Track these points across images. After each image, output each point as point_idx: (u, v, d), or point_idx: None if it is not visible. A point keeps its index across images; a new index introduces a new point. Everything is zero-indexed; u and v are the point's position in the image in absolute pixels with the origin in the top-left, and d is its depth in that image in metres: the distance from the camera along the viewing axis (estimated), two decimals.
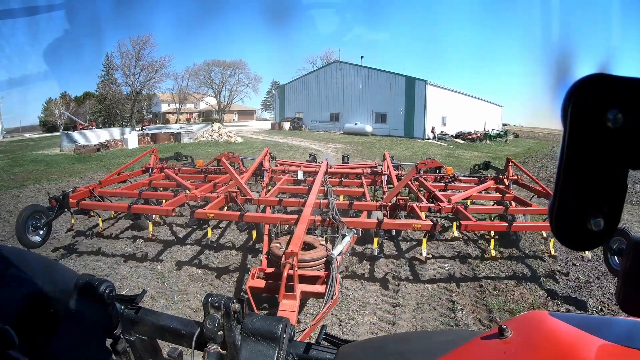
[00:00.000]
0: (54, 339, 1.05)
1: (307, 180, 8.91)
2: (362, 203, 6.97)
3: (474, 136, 42.05)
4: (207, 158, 21.66)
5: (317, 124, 50.88)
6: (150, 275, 6.19)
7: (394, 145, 32.60)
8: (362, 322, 4.96)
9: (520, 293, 5.76)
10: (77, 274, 1.22)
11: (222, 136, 33.23)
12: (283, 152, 24.87)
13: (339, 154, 26.05)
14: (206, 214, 5.84)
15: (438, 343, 0.88)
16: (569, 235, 0.50)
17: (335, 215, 5.54)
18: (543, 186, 7.96)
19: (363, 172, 9.76)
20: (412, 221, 5.91)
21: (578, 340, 0.61)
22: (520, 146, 38.95)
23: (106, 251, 7.10)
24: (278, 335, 0.94)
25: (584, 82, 0.46)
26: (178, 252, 7.11)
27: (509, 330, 0.68)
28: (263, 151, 9.59)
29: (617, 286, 0.63)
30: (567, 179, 0.48)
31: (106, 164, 20.46)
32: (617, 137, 0.46)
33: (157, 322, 1.19)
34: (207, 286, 5.87)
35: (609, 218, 0.48)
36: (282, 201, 6.83)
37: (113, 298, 1.14)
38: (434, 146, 35.14)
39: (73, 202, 6.71)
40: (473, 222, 5.88)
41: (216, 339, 1.02)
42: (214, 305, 1.02)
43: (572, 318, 0.68)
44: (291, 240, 4.48)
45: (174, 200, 6.60)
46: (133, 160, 9.30)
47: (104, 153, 25.71)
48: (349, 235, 4.87)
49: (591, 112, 0.46)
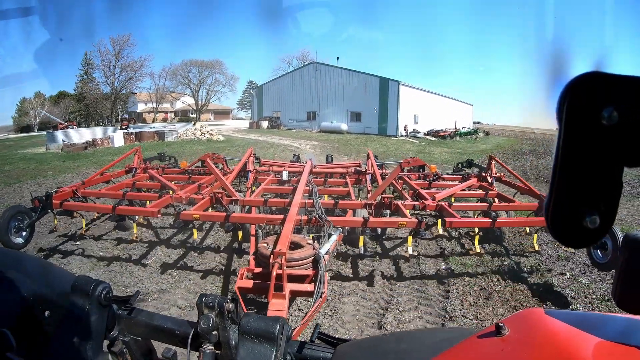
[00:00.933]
0: (52, 341, 1.04)
1: (292, 181, 8.81)
2: (348, 202, 6.90)
3: (445, 133, 43.15)
4: (191, 155, 22.28)
5: (295, 122, 51.19)
6: (134, 276, 6.02)
7: (369, 143, 33.11)
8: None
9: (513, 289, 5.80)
10: (73, 275, 1.20)
11: (205, 134, 33.53)
12: (264, 149, 25.28)
13: (317, 150, 26.66)
14: (192, 215, 5.75)
15: (436, 341, 0.88)
16: (565, 233, 0.50)
17: (321, 215, 5.49)
18: (525, 182, 8.00)
19: (347, 171, 9.70)
20: (397, 219, 5.89)
21: (575, 338, 0.61)
22: (489, 143, 40.36)
23: (90, 252, 6.84)
24: (276, 335, 0.94)
25: (579, 80, 0.45)
26: (163, 253, 6.87)
27: (506, 328, 0.68)
28: (247, 152, 9.52)
29: (613, 284, 0.63)
30: (563, 177, 0.48)
31: (97, 161, 20.56)
32: (612, 134, 0.46)
33: (151, 322, 1.18)
34: (192, 286, 5.69)
35: (604, 215, 0.48)
36: (267, 201, 6.80)
37: (110, 299, 1.13)
38: (406, 143, 36.10)
39: (56, 203, 6.51)
40: (457, 219, 5.89)
41: (211, 338, 1.02)
42: (207, 305, 1.02)
43: (569, 315, 0.68)
44: (279, 240, 4.44)
45: (159, 201, 6.44)
46: (116, 160, 9.15)
47: (92, 151, 25.80)
48: (335, 234, 4.86)
49: (586, 110, 0.45)
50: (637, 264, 0.59)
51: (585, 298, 5.43)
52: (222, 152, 24.36)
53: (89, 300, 1.06)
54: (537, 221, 6.41)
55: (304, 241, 4.69)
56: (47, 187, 14.09)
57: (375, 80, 45.89)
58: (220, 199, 6.34)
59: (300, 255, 4.28)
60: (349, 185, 8.35)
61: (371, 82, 46.13)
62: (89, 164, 19.85)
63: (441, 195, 6.98)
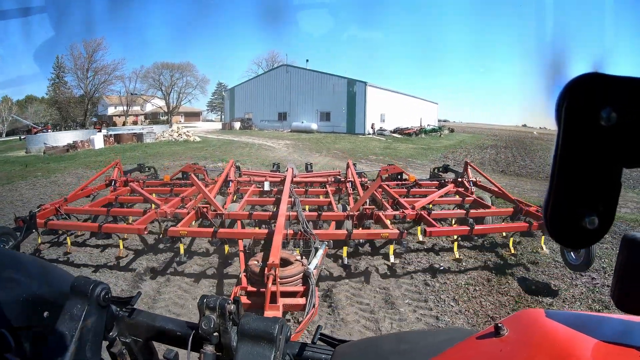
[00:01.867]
0: (50, 341, 1.03)
1: (273, 191, 8.72)
2: (331, 213, 6.83)
3: (410, 131, 44.43)
4: (171, 155, 22.70)
5: (266, 123, 51.54)
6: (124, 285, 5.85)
7: (338, 141, 33.97)
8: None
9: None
10: (72, 276, 1.19)
11: (182, 136, 33.72)
12: (240, 149, 26.04)
13: (290, 149, 27.25)
14: (179, 232, 5.64)
15: (434, 342, 0.88)
16: (564, 234, 0.49)
17: (306, 229, 5.48)
18: (500, 187, 8.08)
19: (327, 180, 9.58)
20: (379, 230, 5.92)
21: (573, 339, 0.61)
22: (453, 139, 41.95)
23: (75, 260, 6.59)
24: (275, 336, 0.93)
25: (578, 81, 0.45)
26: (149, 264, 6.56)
27: (505, 328, 0.68)
28: (229, 163, 9.41)
29: (612, 284, 0.63)
30: (562, 178, 0.47)
31: (82, 162, 20.74)
32: (611, 135, 0.45)
33: (153, 323, 1.18)
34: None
35: (603, 216, 0.48)
36: (252, 215, 6.72)
37: (109, 300, 1.12)
38: (373, 140, 37.15)
39: (41, 222, 6.28)
40: (437, 228, 5.98)
41: (212, 340, 1.01)
42: (209, 306, 1.01)
43: (568, 316, 0.69)
44: (270, 252, 4.47)
45: (144, 217, 6.26)
46: (97, 175, 8.88)
47: (74, 153, 25.70)
48: (321, 248, 4.87)
49: (585, 111, 0.45)
50: (635, 264, 0.59)
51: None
52: (200, 151, 24.99)
53: (87, 301, 1.06)
54: (513, 227, 6.55)
55: (293, 257, 4.68)
56: (40, 185, 14.72)
57: (343, 82, 47.06)
58: (205, 214, 6.31)
59: (291, 273, 4.30)
60: (330, 196, 8.27)
61: (339, 83, 47.29)
62: (75, 164, 19.97)
63: (420, 204, 7.01)
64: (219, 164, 19.23)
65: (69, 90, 57.59)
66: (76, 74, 56.16)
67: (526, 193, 13.56)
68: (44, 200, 11.80)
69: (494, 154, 28.92)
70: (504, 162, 24.78)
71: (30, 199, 12.16)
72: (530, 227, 6.35)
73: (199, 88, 68.46)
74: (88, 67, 55.58)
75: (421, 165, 21.42)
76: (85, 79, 55.84)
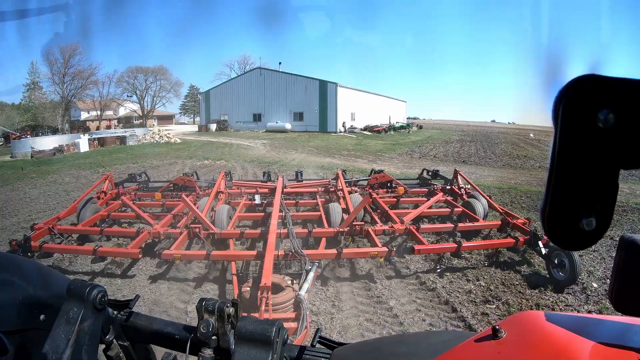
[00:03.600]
0: (47, 345, 1.01)
1: (264, 204, 8.62)
2: (321, 230, 6.62)
3: (380, 128, 45.88)
4: (155, 157, 22.89)
5: (242, 124, 52.17)
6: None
7: (312, 139, 34.76)
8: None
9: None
10: (68, 279, 1.15)
11: (163, 138, 34.52)
12: (220, 149, 26.79)
13: (267, 147, 27.75)
14: (173, 255, 5.60)
15: (432, 344, 0.87)
16: (561, 236, 0.49)
17: (297, 250, 5.40)
18: (488, 197, 8.03)
19: (318, 190, 9.46)
20: (369, 249, 5.86)
21: (571, 341, 0.61)
22: (421, 135, 43.48)
23: (70, 268, 6.41)
24: (272, 339, 0.92)
25: (575, 83, 0.44)
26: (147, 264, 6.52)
27: (502, 331, 0.67)
28: (220, 175, 9.04)
29: (609, 285, 0.63)
30: (559, 179, 0.47)
31: (72, 164, 20.97)
32: (608, 137, 0.45)
33: (150, 326, 1.16)
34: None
35: (601, 218, 0.47)
36: (244, 233, 6.60)
37: (105, 303, 1.10)
38: (345, 138, 38.08)
39: (35, 246, 6.10)
40: (425, 245, 5.91)
41: (210, 343, 0.99)
42: (207, 309, 0.99)
43: (566, 318, 0.68)
44: (262, 273, 4.48)
45: (138, 240, 6.18)
46: (89, 190, 8.45)
47: (61, 157, 25.81)
48: (312, 269, 4.74)
49: (582, 113, 0.44)
50: (632, 265, 0.59)
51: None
52: (183, 152, 25.38)
53: (83, 304, 1.04)
54: (499, 243, 6.39)
55: (284, 283, 4.62)
56: (41, 185, 14.88)
57: (315, 83, 48.15)
58: (198, 234, 6.22)
59: (282, 299, 4.26)
60: (320, 209, 8.00)
61: (311, 84, 48.37)
62: (67, 166, 20.07)
63: (409, 217, 6.84)
64: (205, 162, 20.16)
65: (44, 95, 56.61)
66: (52, 79, 55.28)
67: (483, 178, 14.77)
68: (50, 197, 12.58)
69: (458, 147, 30.30)
70: (466, 154, 26.09)
71: (37, 197, 12.62)
72: (517, 244, 6.24)
73: (173, 91, 68.37)
74: (65, 72, 54.73)
75: (389, 159, 22.80)
76: (62, 83, 54.90)
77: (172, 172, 17.07)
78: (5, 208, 11.30)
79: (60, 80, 55.07)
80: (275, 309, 4.14)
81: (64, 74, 54.95)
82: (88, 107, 62.18)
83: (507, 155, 25.40)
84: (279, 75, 51.74)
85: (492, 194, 10.59)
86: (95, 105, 61.09)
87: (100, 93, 60.23)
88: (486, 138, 40.51)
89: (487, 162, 22.09)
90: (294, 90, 49.89)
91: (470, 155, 25.53)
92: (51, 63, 54.71)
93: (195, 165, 18.53)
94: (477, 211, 7.62)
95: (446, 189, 9.27)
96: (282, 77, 51.35)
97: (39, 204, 11.63)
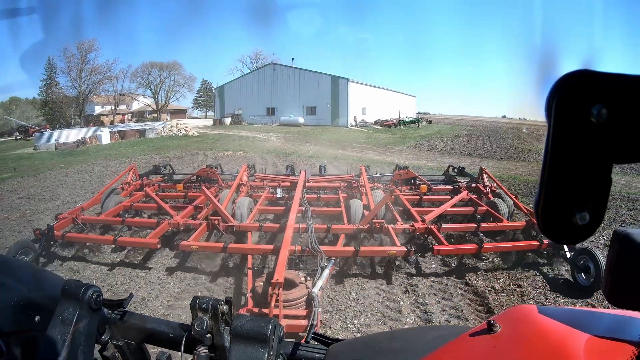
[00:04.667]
0: (42, 346, 1.00)
1: (285, 198, 8.41)
2: (340, 226, 6.41)
3: (390, 123, 46.22)
4: (175, 149, 23.52)
5: (255, 118, 52.59)
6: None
7: (324, 133, 35.20)
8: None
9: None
10: (63, 279, 1.15)
11: (181, 131, 35.26)
12: (236, 141, 27.46)
13: (282, 140, 28.30)
14: (191, 246, 5.59)
15: (427, 340, 0.86)
16: (555, 230, 0.48)
17: (314, 246, 5.22)
18: (513, 197, 7.69)
19: (340, 185, 9.13)
20: (387, 248, 5.67)
21: (566, 335, 0.61)
22: (430, 130, 43.65)
23: (89, 258, 6.48)
24: (267, 336, 0.91)
25: (568, 78, 0.44)
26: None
27: (497, 325, 0.67)
28: (242, 168, 8.87)
29: (603, 279, 0.62)
30: (552, 174, 0.46)
31: (98, 155, 21.71)
32: (601, 132, 0.44)
33: (145, 326, 1.15)
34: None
35: (594, 212, 0.47)
36: (262, 227, 6.44)
37: (101, 303, 1.09)
38: (356, 132, 38.62)
39: (58, 235, 6.16)
40: (445, 246, 5.67)
41: (205, 341, 0.99)
42: (201, 307, 0.99)
43: (560, 312, 0.68)
44: (275, 269, 4.38)
45: (157, 230, 6.18)
46: (113, 181, 8.48)
47: (84, 148, 26.57)
48: (328, 266, 4.63)
49: (575, 108, 0.44)
50: (626, 259, 0.58)
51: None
52: (202, 144, 26.02)
53: (79, 304, 1.03)
54: (522, 245, 6.04)
55: (298, 279, 4.55)
56: (72, 173, 15.83)
57: (327, 78, 48.67)
58: (217, 226, 6.14)
59: (294, 296, 4.21)
60: (341, 204, 7.68)
61: (323, 79, 48.96)
62: (93, 157, 20.78)
63: (431, 216, 6.60)
64: (225, 152, 20.99)
65: (61, 90, 57.52)
66: (69, 75, 56.44)
67: (487, 169, 14.99)
68: (86, 183, 13.49)
69: (465, 142, 30.49)
70: (472, 147, 26.44)
71: (73, 183, 13.62)
72: (541, 246, 5.87)
73: (187, 86, 69.35)
74: (82, 68, 56.00)
75: (398, 151, 23.50)
76: (79, 79, 56.17)
77: (195, 162, 17.69)
78: (45, 193, 12.16)
79: (77, 76, 56.29)
80: (286, 305, 4.09)
81: (81, 69, 56.18)
82: (102, 101, 63.12)
83: (512, 149, 25.74)
84: (292, 71, 52.32)
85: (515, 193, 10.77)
86: (109, 99, 62.07)
87: (115, 88, 61.38)
88: (494, 133, 40.51)
89: (492, 155, 22.56)
90: (307, 85, 50.39)
91: (476, 148, 25.90)
92: (68, 59, 55.90)
93: (217, 156, 19.14)
94: (501, 211, 7.26)
95: (471, 186, 8.92)
96: (295, 73, 51.94)
97: (76, 189, 12.51)
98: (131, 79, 64.47)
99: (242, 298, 5.11)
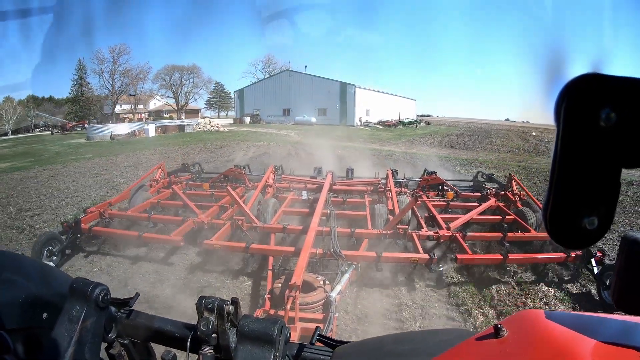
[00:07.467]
0: (49, 343, 0.99)
1: (310, 199, 7.99)
2: (364, 231, 5.99)
3: (391, 123, 48.47)
4: (212, 141, 25.54)
5: (272, 118, 55.59)
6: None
7: (334, 130, 36.43)
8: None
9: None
10: (71, 277, 1.13)
11: (214, 127, 39.24)
12: (262, 136, 29.65)
13: (300, 135, 29.93)
14: (214, 245, 5.42)
15: (434, 343, 0.84)
16: (563, 234, 0.47)
17: (336, 249, 4.94)
18: (536, 201, 7.19)
19: (366, 189, 8.57)
20: (409, 255, 5.35)
21: (573, 340, 0.59)
22: (427, 130, 44.63)
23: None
24: (274, 337, 0.90)
25: (577, 82, 0.42)
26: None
27: (504, 329, 0.65)
28: (268, 169, 8.50)
29: (611, 284, 0.59)
30: (561, 178, 0.45)
31: (148, 145, 23.60)
32: (610, 136, 0.43)
33: (151, 325, 1.13)
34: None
35: (602, 217, 0.46)
36: (286, 228, 6.08)
37: (108, 302, 1.07)
38: (361, 130, 41.02)
39: (85, 228, 6.01)
40: (469, 255, 5.29)
41: (210, 341, 0.97)
42: (207, 307, 0.97)
43: (568, 317, 0.66)
44: (294, 271, 4.11)
45: (182, 228, 5.99)
46: (142, 178, 8.45)
47: (135, 139, 30.12)
48: (348, 271, 4.41)
49: (584, 111, 0.42)
50: (635, 264, 0.56)
51: None
52: (235, 138, 27.97)
53: (86, 302, 1.02)
54: (548, 258, 5.55)
55: (317, 282, 4.33)
56: (137, 158, 17.49)
57: (337, 84, 52.82)
58: (240, 226, 5.88)
59: (312, 300, 4.04)
60: (367, 208, 7.21)
61: (334, 85, 53.11)
62: (142, 147, 22.60)
63: (456, 224, 6.17)
64: (261, 143, 23.06)
65: (90, 90, 60.38)
66: (102, 76, 59.73)
67: (458, 155, 16.92)
68: (149, 161, 15.21)
69: (454, 139, 31.87)
70: (456, 142, 28.85)
71: (139, 163, 15.35)
72: (567, 259, 5.45)
73: (205, 88, 72.31)
74: (114, 70, 59.57)
75: (395, 144, 25.72)
76: (112, 80, 59.65)
77: (237, 150, 19.80)
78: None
79: (110, 77, 59.48)
80: (303, 308, 3.88)
81: (114, 71, 59.47)
82: (123, 100, 65.42)
83: (490, 144, 27.67)
84: (305, 77, 56.07)
85: (457, 163, 12.85)
86: (130, 99, 64.32)
87: (135, 89, 64.15)
88: (486, 133, 40.76)
89: (470, 148, 24.80)
90: (319, 90, 53.91)
91: (459, 143, 27.77)
92: (100, 61, 59.14)
93: (255, 145, 21.36)
94: (529, 220, 6.71)
95: (499, 194, 8.28)
96: (308, 79, 55.64)
97: (144, 168, 13.69)
98: (153, 80, 66.88)
99: (259, 300, 4.83)
